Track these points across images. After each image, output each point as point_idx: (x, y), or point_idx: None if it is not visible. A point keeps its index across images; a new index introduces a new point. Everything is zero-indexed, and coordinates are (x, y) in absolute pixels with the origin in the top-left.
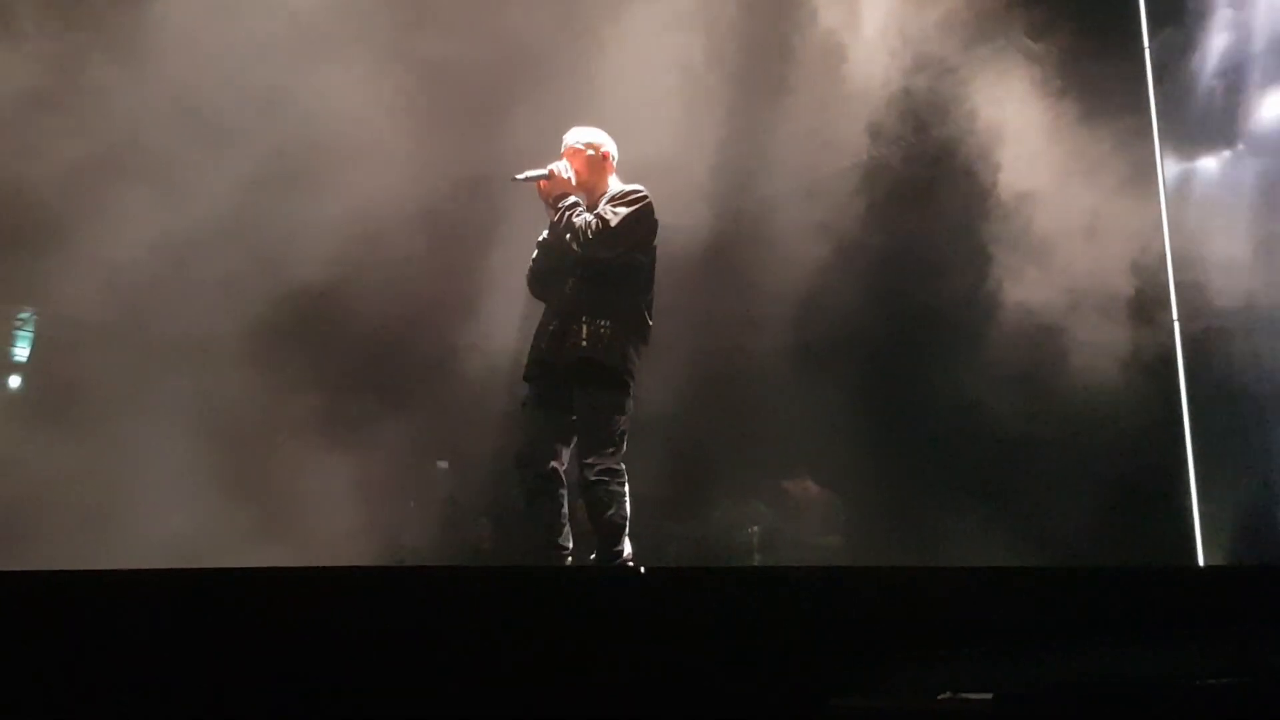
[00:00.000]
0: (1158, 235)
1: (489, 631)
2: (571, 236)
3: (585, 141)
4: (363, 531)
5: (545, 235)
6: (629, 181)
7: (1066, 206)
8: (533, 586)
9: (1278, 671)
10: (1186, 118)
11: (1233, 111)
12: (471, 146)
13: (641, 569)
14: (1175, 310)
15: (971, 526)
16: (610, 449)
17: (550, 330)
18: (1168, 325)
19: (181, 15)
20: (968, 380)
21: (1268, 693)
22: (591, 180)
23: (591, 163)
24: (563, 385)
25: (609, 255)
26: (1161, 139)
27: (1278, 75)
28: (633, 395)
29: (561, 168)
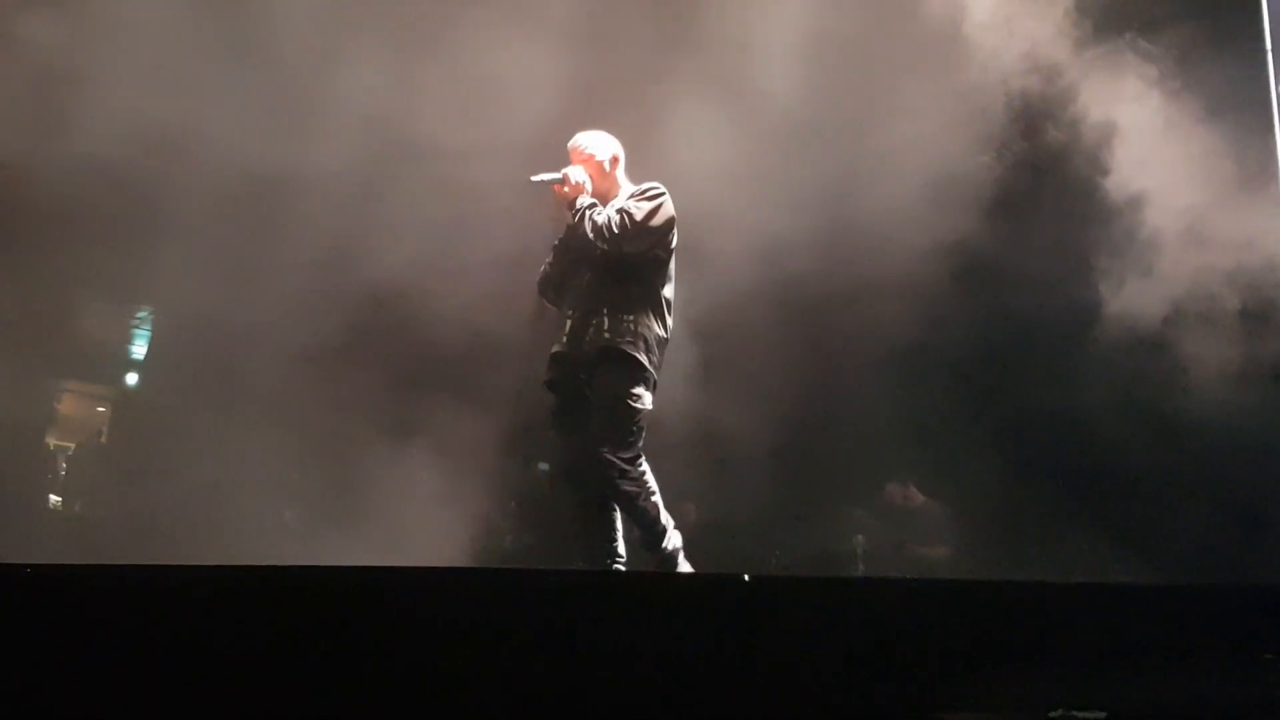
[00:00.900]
0: (1275, 240)
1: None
2: (595, 235)
3: (594, 145)
4: (466, 534)
5: (560, 240)
6: (647, 180)
7: (1179, 209)
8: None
9: None
10: None
11: None
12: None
13: (746, 577)
14: None
15: (1080, 540)
16: (630, 438)
17: (569, 326)
18: None
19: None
20: (1075, 391)
21: None
22: (603, 185)
23: (601, 166)
24: (586, 383)
25: (635, 250)
26: None
27: None
28: (653, 389)
29: (576, 172)
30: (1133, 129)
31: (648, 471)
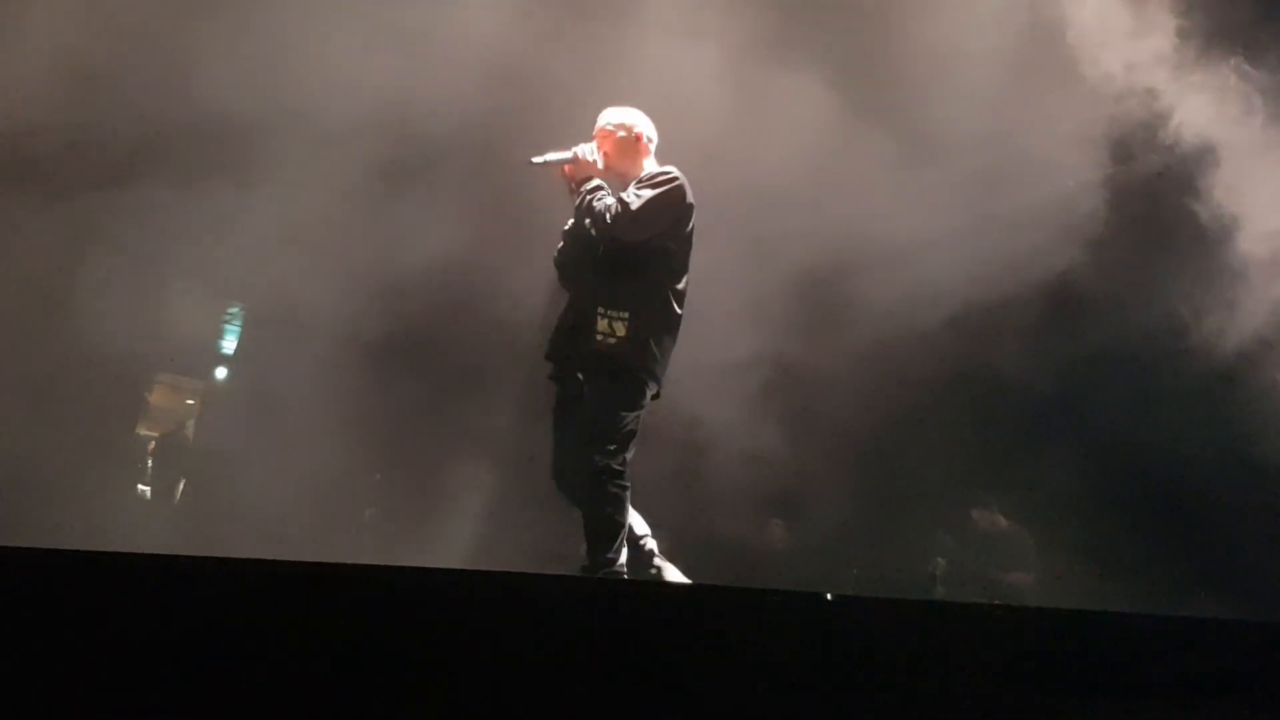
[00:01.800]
0: None
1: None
2: (591, 222)
3: (617, 122)
4: (527, 537)
5: (569, 224)
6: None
7: (1268, 233)
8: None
9: None
10: None
11: None
12: None
13: (828, 595)
14: None
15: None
16: (613, 446)
17: (568, 323)
18: None
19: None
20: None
21: None
22: (623, 164)
23: (623, 145)
24: (582, 384)
25: (635, 240)
26: None
27: None
28: (650, 393)
29: (587, 150)
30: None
31: (627, 497)
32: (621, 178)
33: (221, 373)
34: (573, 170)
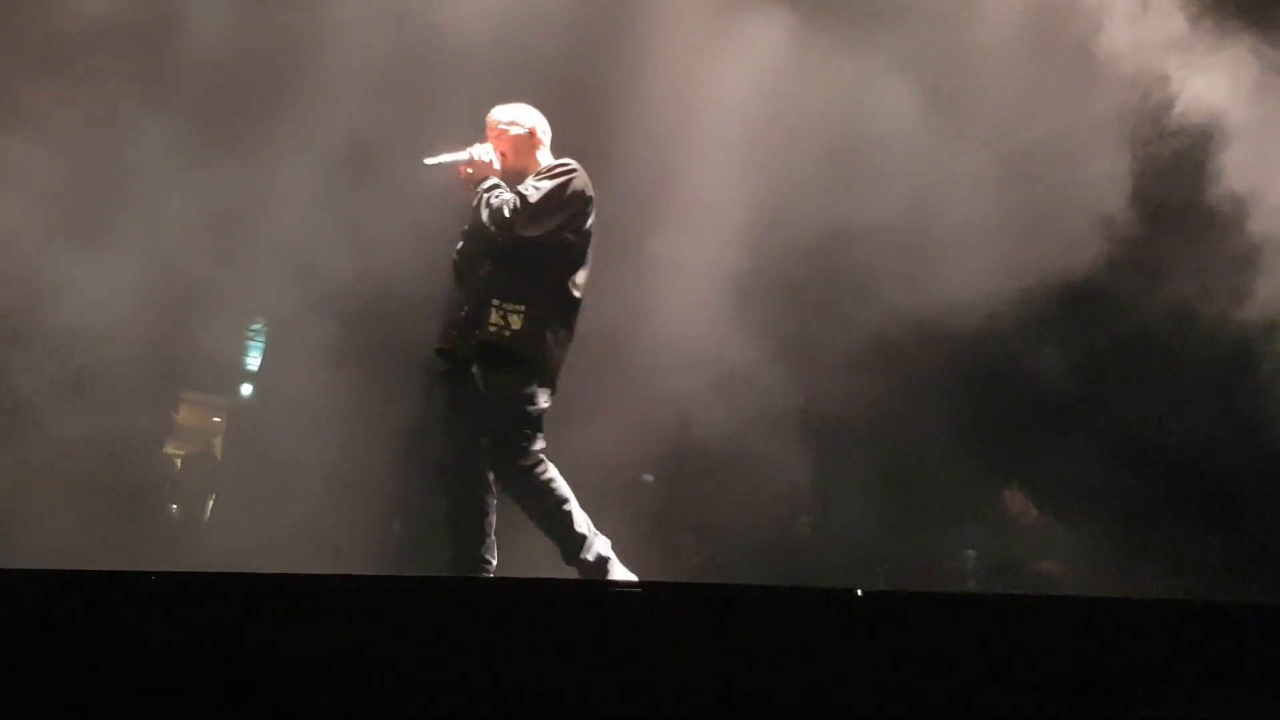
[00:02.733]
0: None
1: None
2: (490, 219)
3: (509, 119)
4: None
5: (467, 224)
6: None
7: None
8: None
9: None
10: None
11: None
12: None
13: (859, 591)
14: None
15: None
16: (523, 443)
17: (461, 316)
18: None
19: None
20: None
21: None
22: (519, 161)
23: (518, 142)
24: (474, 378)
25: (534, 234)
26: None
27: None
28: (550, 387)
29: (483, 150)
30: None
31: (555, 478)
32: (519, 174)
33: (246, 389)
34: (471, 170)
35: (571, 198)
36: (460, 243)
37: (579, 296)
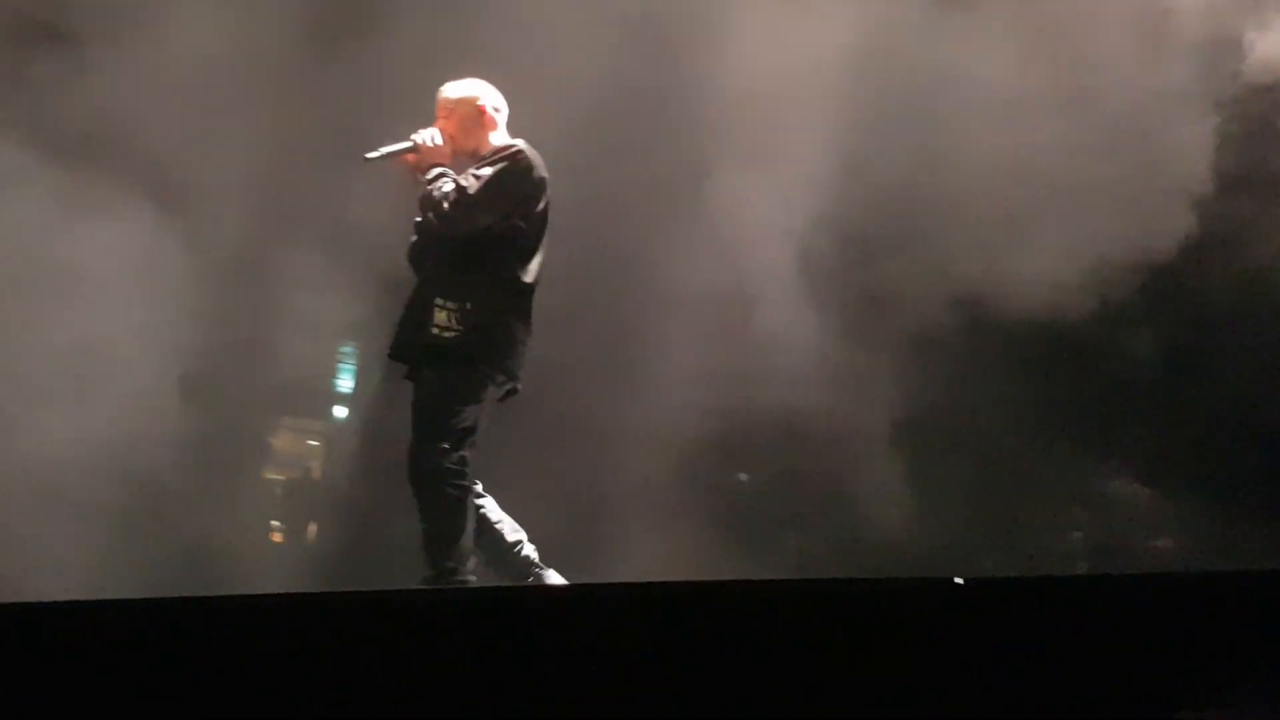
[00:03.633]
0: None
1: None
2: (432, 212)
3: (456, 97)
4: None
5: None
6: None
7: None
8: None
9: None
10: None
11: None
12: None
13: (959, 580)
14: None
15: None
16: (446, 444)
17: (411, 315)
18: None
19: None
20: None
21: None
22: (470, 142)
23: (465, 121)
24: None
25: (479, 225)
26: None
27: None
28: (499, 386)
29: (428, 135)
30: None
31: (468, 500)
32: (473, 156)
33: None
34: (418, 159)
35: (516, 184)
36: (414, 237)
37: (531, 283)
